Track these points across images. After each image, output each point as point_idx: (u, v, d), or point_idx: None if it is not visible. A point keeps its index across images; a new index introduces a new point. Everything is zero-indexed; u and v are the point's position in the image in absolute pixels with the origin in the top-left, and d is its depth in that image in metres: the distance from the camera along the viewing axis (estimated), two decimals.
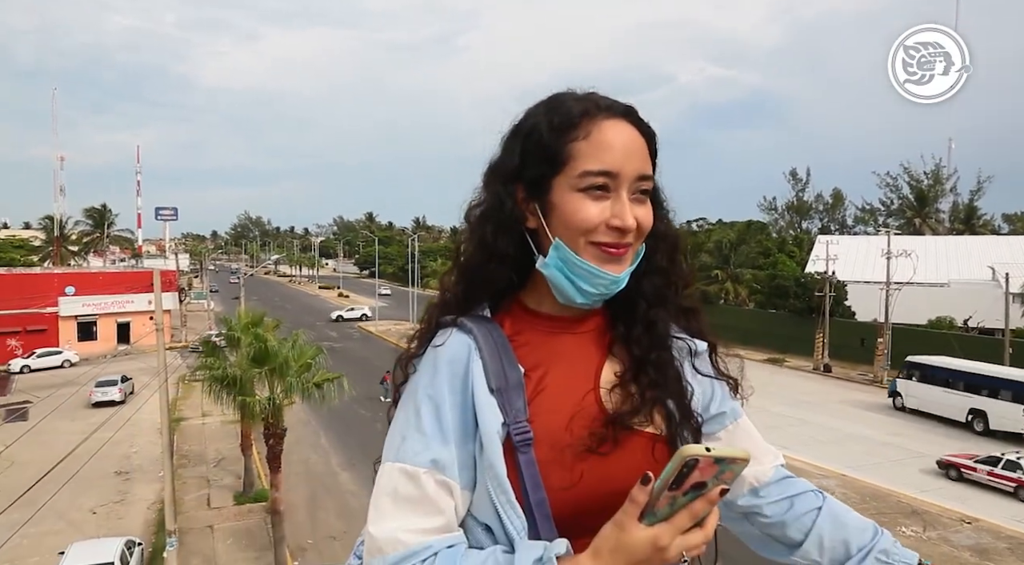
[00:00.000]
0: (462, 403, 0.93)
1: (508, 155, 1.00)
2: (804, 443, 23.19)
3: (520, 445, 0.90)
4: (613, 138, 0.94)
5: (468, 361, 0.94)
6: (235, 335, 18.19)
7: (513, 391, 0.93)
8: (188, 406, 29.10)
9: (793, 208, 74.80)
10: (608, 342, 1.05)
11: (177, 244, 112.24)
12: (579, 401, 0.97)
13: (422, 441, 0.91)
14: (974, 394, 25.07)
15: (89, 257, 68.00)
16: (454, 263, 1.07)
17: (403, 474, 0.90)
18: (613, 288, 0.96)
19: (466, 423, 0.92)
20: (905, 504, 18.25)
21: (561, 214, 0.94)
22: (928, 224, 59.94)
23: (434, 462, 0.90)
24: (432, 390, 0.94)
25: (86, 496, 19.24)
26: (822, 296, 38.19)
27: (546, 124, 0.96)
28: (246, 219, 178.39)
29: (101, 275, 47.58)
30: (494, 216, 0.99)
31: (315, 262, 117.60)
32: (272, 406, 16.03)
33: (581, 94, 0.99)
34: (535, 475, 0.89)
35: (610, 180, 0.93)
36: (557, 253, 0.95)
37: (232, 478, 20.92)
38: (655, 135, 1.01)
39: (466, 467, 0.91)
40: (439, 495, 0.89)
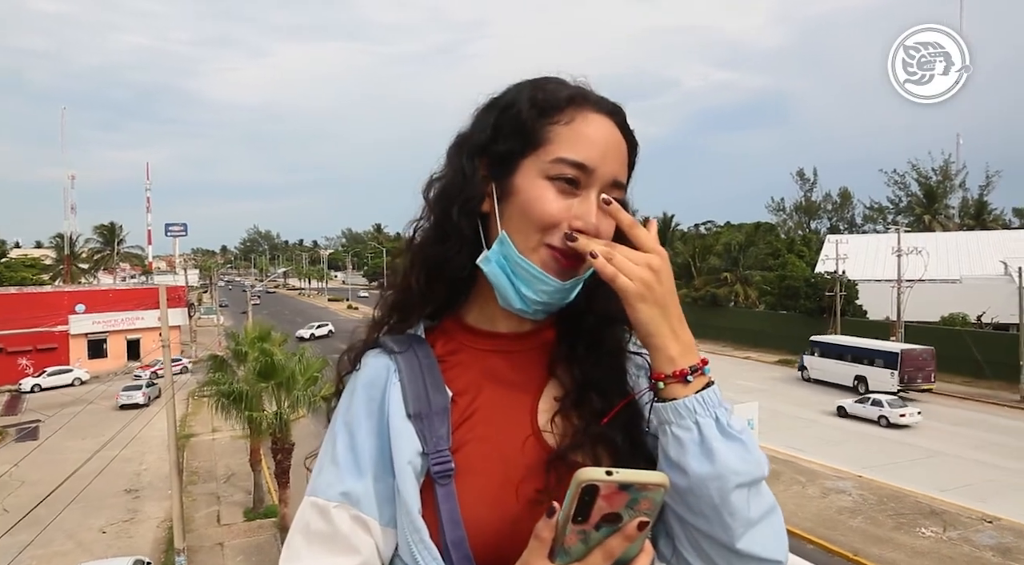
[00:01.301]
0: (378, 430, 0.84)
1: (479, 126, 0.90)
2: (816, 444, 22.95)
3: (439, 477, 0.80)
4: (596, 132, 0.85)
5: (386, 384, 0.86)
6: (243, 349, 18.17)
7: (436, 417, 0.83)
8: (198, 422, 29.11)
9: (801, 208, 74.42)
10: (550, 363, 0.93)
11: (187, 260, 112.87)
12: (511, 429, 0.87)
13: (335, 473, 0.83)
14: (858, 363, 31.07)
15: (99, 274, 68.42)
16: (407, 248, 0.95)
17: (315, 509, 0.82)
18: (559, 298, 0.86)
19: (383, 453, 0.83)
20: (924, 504, 17.93)
21: (520, 201, 0.84)
22: (938, 221, 59.39)
23: (345, 495, 0.81)
24: (348, 416, 0.86)
25: (96, 515, 19.19)
26: (833, 296, 37.89)
27: (528, 100, 0.86)
28: (255, 233, 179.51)
29: (111, 292, 47.83)
30: (454, 192, 0.88)
31: (324, 275, 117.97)
32: (279, 421, 15.96)
33: (572, 81, 0.89)
34: (453, 510, 0.79)
35: (583, 176, 0.83)
36: (501, 248, 0.85)
37: (242, 494, 20.85)
38: (637, 145, 0.91)
39: (388, 502, 0.81)
40: (354, 532, 0.80)
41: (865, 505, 17.99)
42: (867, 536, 16.23)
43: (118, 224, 69.94)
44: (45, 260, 65.16)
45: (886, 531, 16.50)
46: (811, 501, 18.38)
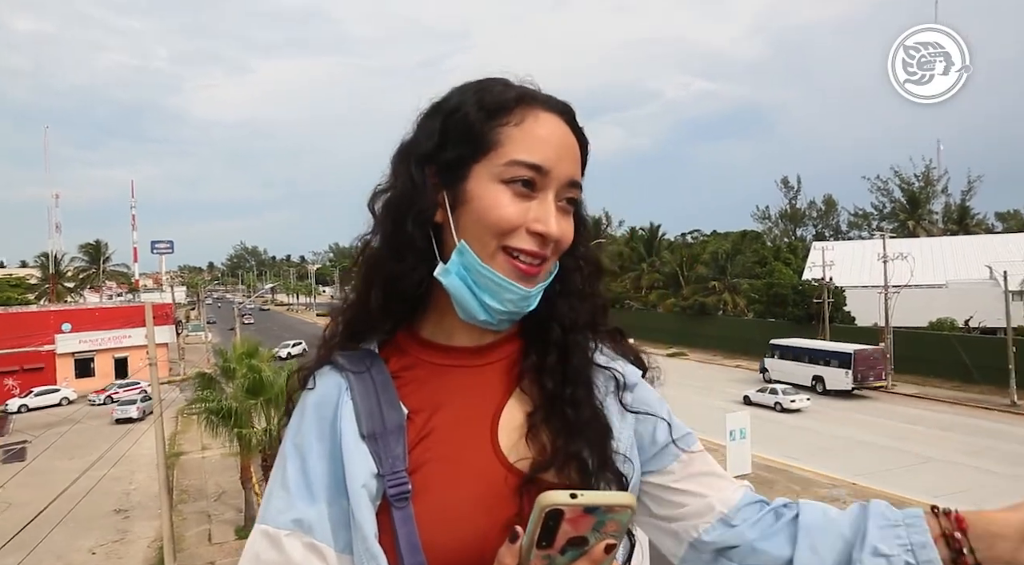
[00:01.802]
0: (330, 452, 0.80)
1: (424, 133, 0.85)
2: (811, 453, 23.03)
3: (395, 499, 0.76)
4: (549, 132, 0.82)
5: (337, 403, 0.82)
6: (231, 366, 18.04)
7: (392, 436, 0.79)
8: (187, 440, 28.81)
9: (787, 216, 75.01)
10: (517, 375, 0.89)
11: (173, 277, 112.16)
12: (471, 447, 0.83)
13: (286, 499, 0.78)
14: (815, 364, 32.82)
15: (85, 293, 67.82)
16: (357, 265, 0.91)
17: (265, 537, 0.77)
18: (523, 305, 0.82)
19: (336, 475, 0.78)
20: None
21: (475, 208, 0.80)
22: (922, 226, 60.03)
23: (297, 522, 0.77)
24: (299, 439, 0.82)
25: (85, 536, 18.91)
26: (821, 302, 38.10)
27: (475, 103, 0.82)
28: (242, 249, 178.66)
29: (97, 311, 47.44)
30: (404, 203, 0.84)
31: (312, 290, 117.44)
32: (269, 437, 15.83)
33: (518, 81, 0.86)
34: (411, 534, 0.75)
35: (539, 177, 0.80)
36: (461, 259, 0.81)
37: (233, 512, 20.62)
38: (588, 143, 0.88)
39: (342, 527, 0.77)
40: (307, 560, 0.75)
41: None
42: None
43: (104, 242, 69.39)
44: (30, 279, 64.50)
45: None
46: None
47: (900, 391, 32.50)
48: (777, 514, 0.87)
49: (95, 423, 29.73)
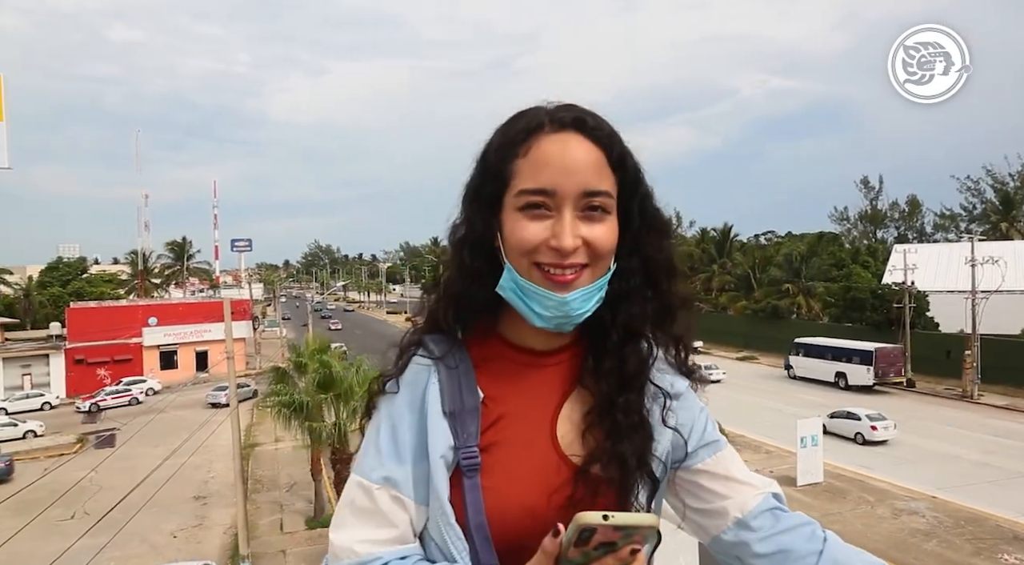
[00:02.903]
0: (418, 423, 0.94)
1: (472, 175, 0.98)
2: (895, 464, 22.06)
3: (467, 470, 0.91)
4: (552, 154, 0.89)
5: (427, 382, 0.95)
6: (303, 361, 18.63)
7: (468, 415, 0.93)
8: (262, 431, 29.94)
9: (867, 217, 71.91)
10: (577, 376, 1.00)
11: (251, 274, 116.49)
12: (533, 436, 0.96)
13: (377, 458, 0.93)
14: (838, 361, 35.13)
15: (170, 289, 71.27)
16: (436, 286, 1.06)
17: (360, 488, 0.93)
18: (567, 310, 0.90)
19: (421, 442, 0.93)
20: (1006, 529, 17.00)
21: (507, 235, 0.92)
22: (1016, 228, 56.47)
23: (386, 479, 0.92)
24: (392, 410, 0.96)
25: (167, 520, 19.93)
26: (901, 307, 36.42)
27: (496, 143, 0.95)
28: (316, 248, 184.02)
29: (181, 306, 49.81)
30: (466, 238, 0.98)
31: (383, 288, 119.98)
32: (338, 431, 16.26)
33: (539, 106, 0.95)
34: (477, 501, 0.90)
35: (548, 199, 0.89)
36: (509, 275, 0.93)
37: (304, 503, 21.31)
38: (615, 141, 0.93)
39: (422, 483, 0.92)
40: (392, 510, 0.91)
41: (940, 527, 17.16)
42: (944, 561, 15.47)
43: (188, 240, 72.75)
44: (121, 275, 68.34)
45: (964, 556, 15.69)
46: (881, 522, 17.65)
47: (988, 402, 30.76)
48: (797, 541, 0.94)
49: (178, 412, 31.25)
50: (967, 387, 32.16)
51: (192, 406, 33.83)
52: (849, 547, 0.94)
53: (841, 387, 34.43)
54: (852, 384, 34.22)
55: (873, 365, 33.47)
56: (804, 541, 0.93)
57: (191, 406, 33.81)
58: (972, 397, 31.32)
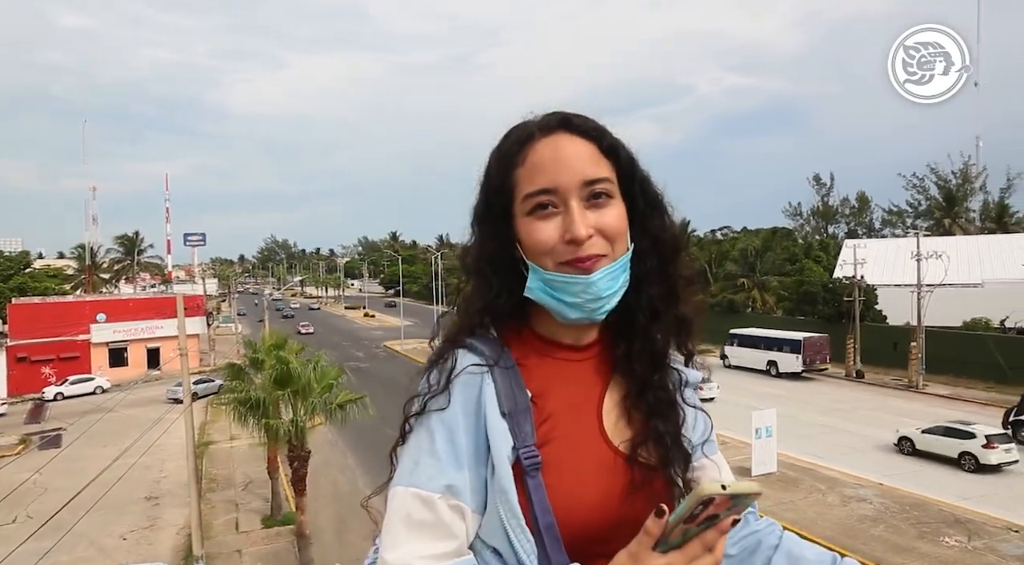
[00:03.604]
0: (475, 426, 0.93)
1: (479, 196, 1.02)
2: (842, 453, 22.70)
3: (529, 469, 0.90)
4: (545, 155, 0.94)
5: (481, 384, 0.94)
6: (259, 357, 18.29)
7: (522, 415, 0.93)
8: (217, 429, 29.33)
9: (818, 213, 73.68)
10: (611, 364, 1.04)
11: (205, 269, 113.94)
12: (584, 428, 0.98)
13: (436, 466, 0.90)
14: (769, 350, 37.06)
15: (120, 284, 69.30)
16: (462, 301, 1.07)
17: (417, 499, 0.89)
18: (595, 291, 0.93)
19: (478, 447, 0.92)
20: (947, 513, 17.66)
21: (525, 243, 0.96)
22: (958, 224, 58.58)
23: (448, 487, 0.89)
24: (445, 416, 0.93)
25: (117, 522, 19.38)
26: (851, 301, 37.49)
27: (495, 159, 0.99)
28: (273, 242, 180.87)
29: (131, 302, 48.43)
30: (484, 254, 1.01)
31: (341, 283, 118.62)
32: (296, 428, 16.03)
33: (526, 120, 1.00)
34: (544, 500, 0.89)
35: (552, 196, 0.93)
36: (535, 275, 0.96)
37: (260, 501, 20.96)
38: (604, 133, 0.98)
39: (477, 491, 0.91)
40: (452, 520, 0.89)
41: (887, 513, 17.75)
42: (890, 545, 16.00)
43: (139, 234, 70.79)
44: (67, 270, 66.16)
45: (909, 540, 16.26)
46: (832, 509, 18.15)
47: (932, 391, 31.88)
48: (762, 538, 1.04)
49: (128, 412, 30.41)
50: (912, 377, 33.27)
51: (143, 404, 32.96)
52: (803, 542, 1.03)
53: (772, 375, 36.42)
54: (783, 372, 36.21)
55: (802, 353, 35.64)
56: (764, 538, 1.03)
57: (142, 404, 32.93)
58: (917, 387, 32.44)
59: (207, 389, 34.27)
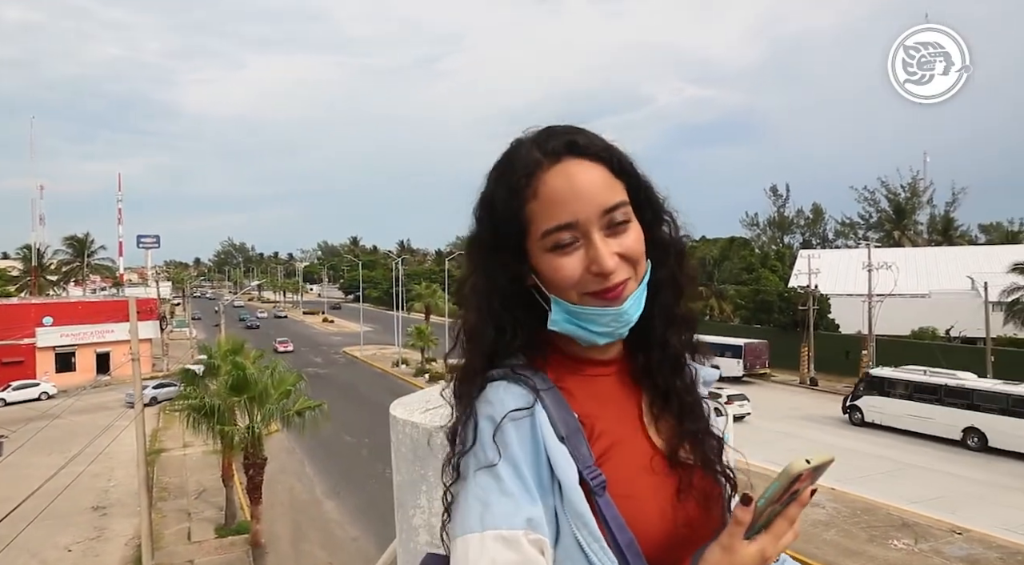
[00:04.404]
0: (535, 457, 0.88)
1: (482, 227, 0.97)
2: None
3: (596, 489, 0.88)
4: (560, 188, 0.90)
5: (533, 412, 0.90)
6: (215, 363, 17.93)
7: (575, 437, 0.90)
8: (169, 436, 28.61)
9: (775, 223, 75.49)
10: (637, 373, 1.03)
11: (159, 272, 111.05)
12: (633, 440, 0.97)
13: (511, 503, 0.85)
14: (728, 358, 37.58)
15: (68, 287, 67.11)
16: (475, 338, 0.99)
17: (499, 541, 0.82)
18: (626, 318, 0.93)
19: (542, 476, 0.88)
20: (896, 517, 18.17)
21: (546, 277, 0.93)
22: (907, 236, 60.63)
23: (529, 521, 0.84)
24: (506, 451, 0.88)
25: (61, 533, 18.73)
26: (806, 310, 38.38)
27: (503, 191, 0.93)
28: (229, 245, 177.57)
29: (80, 305, 46.93)
30: (496, 291, 0.96)
31: (299, 287, 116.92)
32: (252, 435, 15.73)
33: (528, 142, 0.94)
34: (617, 517, 0.87)
35: (573, 231, 0.89)
36: (558, 307, 0.94)
37: (214, 510, 20.47)
38: (612, 152, 0.94)
39: (551, 522, 0.87)
40: (536, 557, 0.83)
41: (839, 517, 18.17)
42: (841, 549, 16.38)
43: (89, 236, 68.66)
44: (12, 271, 63.83)
45: (859, 544, 16.67)
46: None
47: None
48: None
49: (75, 418, 29.44)
50: None
51: (92, 411, 31.91)
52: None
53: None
54: (725, 376, 36.82)
55: (742, 358, 36.97)
56: None
57: (91, 411, 31.88)
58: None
59: (168, 393, 33.14)
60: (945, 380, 25.96)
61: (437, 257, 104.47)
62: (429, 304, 51.37)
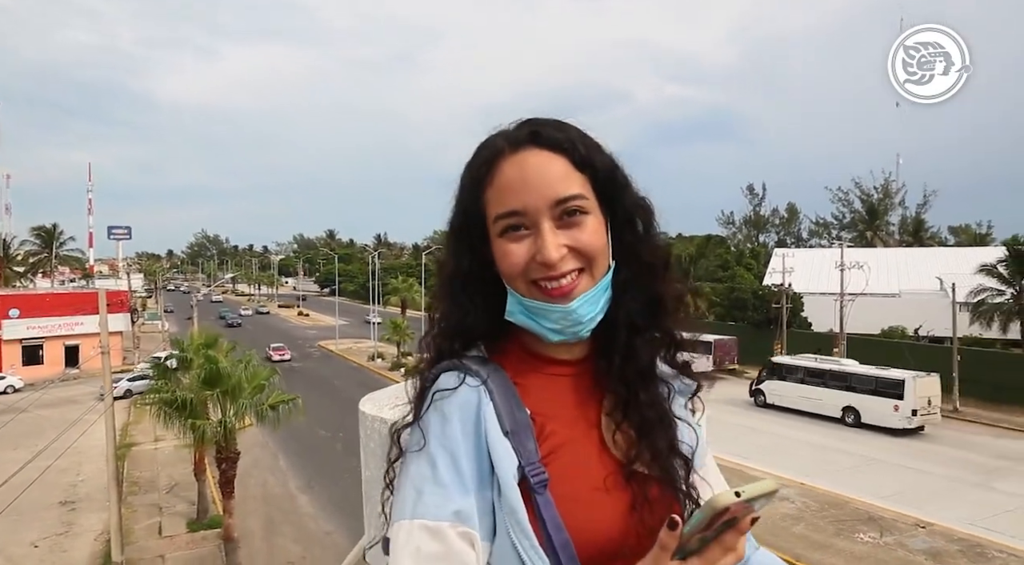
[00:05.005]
0: (476, 449, 0.89)
1: (453, 212, 1.00)
2: (760, 453, 23.51)
3: (537, 486, 0.87)
4: (512, 176, 0.91)
5: (479, 405, 0.91)
6: (187, 357, 17.72)
7: (523, 432, 0.90)
8: (140, 431, 28.20)
9: (750, 222, 76.36)
10: (601, 378, 1.01)
11: (130, 264, 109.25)
12: (585, 442, 0.95)
13: (442, 494, 0.86)
14: None
15: (36, 278, 65.77)
16: (437, 321, 1.02)
17: (425, 531, 0.84)
18: (575, 317, 0.92)
19: (482, 469, 0.88)
20: (863, 511, 18.52)
21: (498, 263, 0.93)
22: (879, 237, 61.72)
23: (457, 514, 0.85)
24: (445, 440, 0.89)
25: (28, 529, 18.40)
26: (779, 308, 38.88)
27: (467, 179, 0.96)
28: (203, 238, 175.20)
29: (48, 296, 46.02)
30: (456, 272, 0.98)
31: (274, 280, 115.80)
32: (224, 429, 15.58)
33: (499, 132, 0.96)
34: (555, 517, 0.86)
35: (522, 218, 0.90)
36: (513, 299, 0.95)
37: (185, 505, 20.25)
38: (576, 144, 0.93)
39: (486, 515, 0.87)
40: (463, 549, 0.84)
41: (807, 512, 18.48)
42: (809, 542, 16.67)
43: (57, 226, 67.32)
44: None
45: (827, 537, 16.98)
46: None
47: None
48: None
49: (43, 412, 28.91)
50: None
51: (61, 404, 31.34)
52: (773, 557, 1.02)
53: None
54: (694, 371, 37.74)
55: (712, 354, 37.23)
56: None
57: (59, 404, 31.31)
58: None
59: (143, 386, 32.61)
60: (830, 365, 29.43)
61: (414, 251, 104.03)
62: (405, 298, 51.22)
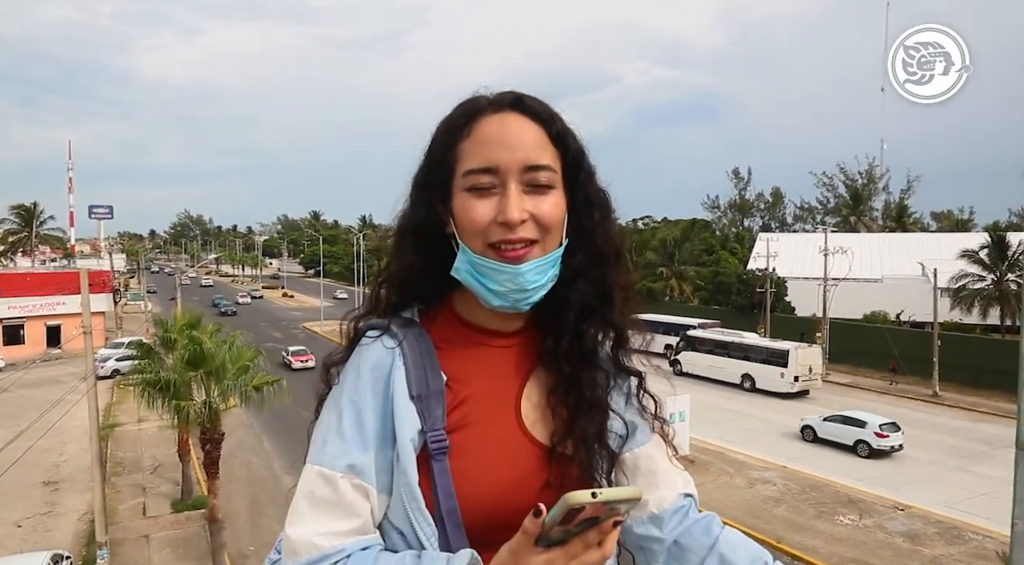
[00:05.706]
0: (383, 408, 0.92)
1: (421, 165, 1.00)
2: (744, 436, 23.78)
3: (435, 453, 0.90)
4: (491, 132, 0.92)
5: (391, 367, 0.94)
6: (171, 337, 17.55)
7: (433, 399, 0.93)
8: (123, 411, 28.03)
9: (736, 206, 76.56)
10: (536, 356, 1.02)
11: (113, 244, 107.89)
12: (499, 416, 0.97)
13: (341, 446, 0.91)
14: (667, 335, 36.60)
15: (16, 257, 64.86)
16: (382, 270, 1.05)
17: (320, 477, 0.90)
18: (521, 282, 0.92)
19: (386, 428, 0.92)
20: (843, 494, 18.82)
21: (458, 218, 0.93)
22: (863, 222, 62.15)
23: (351, 467, 0.90)
24: (355, 395, 0.93)
25: (10, 508, 18.30)
26: (763, 292, 39.17)
27: (441, 130, 0.97)
28: (186, 218, 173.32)
29: (29, 276, 45.37)
30: (411, 226, 0.99)
31: (258, 261, 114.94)
32: (209, 410, 15.49)
33: (482, 95, 0.97)
34: (448, 484, 0.89)
35: (494, 176, 0.91)
36: (464, 256, 0.94)
37: (170, 485, 20.20)
38: (555, 119, 0.95)
39: (384, 471, 0.91)
40: (355, 499, 0.89)
41: (789, 494, 18.76)
42: (790, 524, 16.93)
43: (37, 205, 66.21)
44: None
45: (807, 519, 17.25)
46: (738, 491, 19.03)
47: (834, 380, 33.75)
48: (697, 532, 1.01)
49: (23, 392, 28.64)
50: None
51: (43, 384, 31.05)
52: (739, 539, 1.00)
53: (669, 358, 37.07)
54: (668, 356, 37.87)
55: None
56: (700, 536, 1.00)
57: (41, 384, 31.03)
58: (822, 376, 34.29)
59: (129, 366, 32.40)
60: (732, 338, 33.18)
61: None
62: None
